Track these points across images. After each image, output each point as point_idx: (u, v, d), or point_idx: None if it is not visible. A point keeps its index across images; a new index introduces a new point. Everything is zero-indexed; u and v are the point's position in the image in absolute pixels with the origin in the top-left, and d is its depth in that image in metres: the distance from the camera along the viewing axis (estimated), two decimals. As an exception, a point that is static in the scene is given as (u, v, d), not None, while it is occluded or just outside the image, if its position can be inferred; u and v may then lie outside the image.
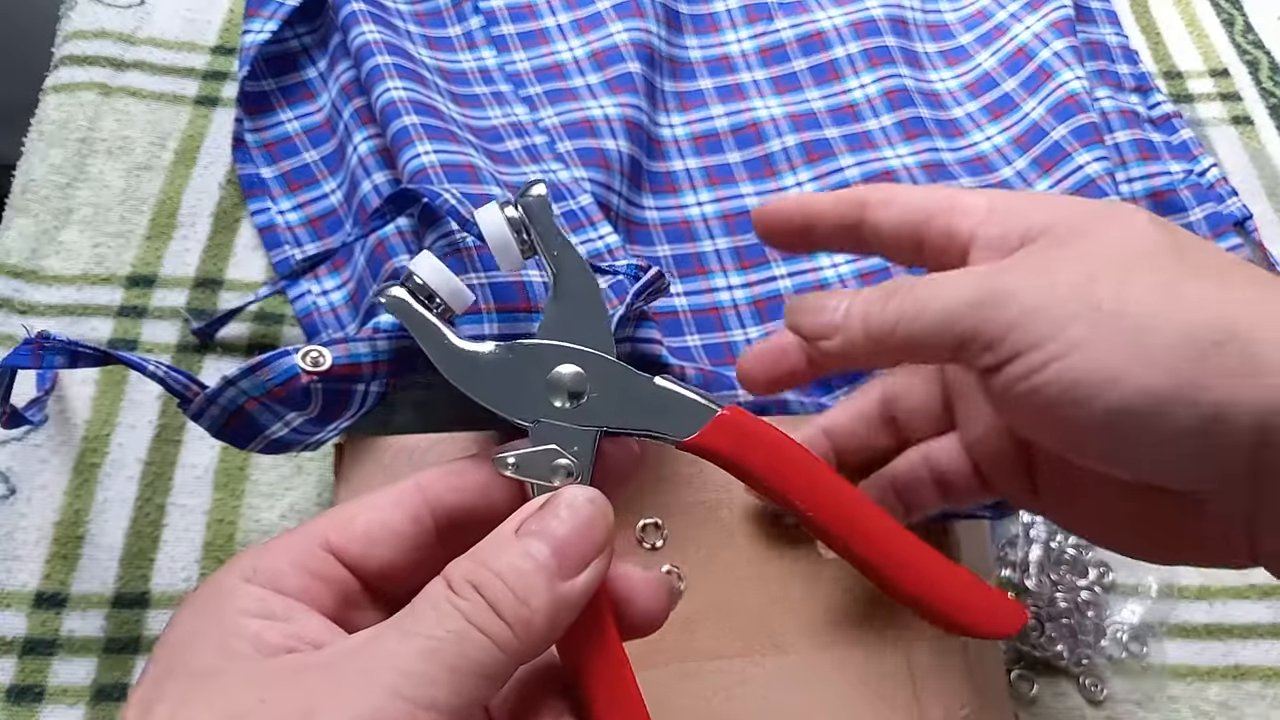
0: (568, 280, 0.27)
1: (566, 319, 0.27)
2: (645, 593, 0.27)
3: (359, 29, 0.48)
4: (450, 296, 0.26)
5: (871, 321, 0.29)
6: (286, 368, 0.35)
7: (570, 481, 0.25)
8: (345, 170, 0.49)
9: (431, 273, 0.26)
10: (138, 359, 0.33)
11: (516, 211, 0.27)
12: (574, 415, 0.26)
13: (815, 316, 0.31)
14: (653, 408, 0.26)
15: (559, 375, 0.26)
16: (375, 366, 0.38)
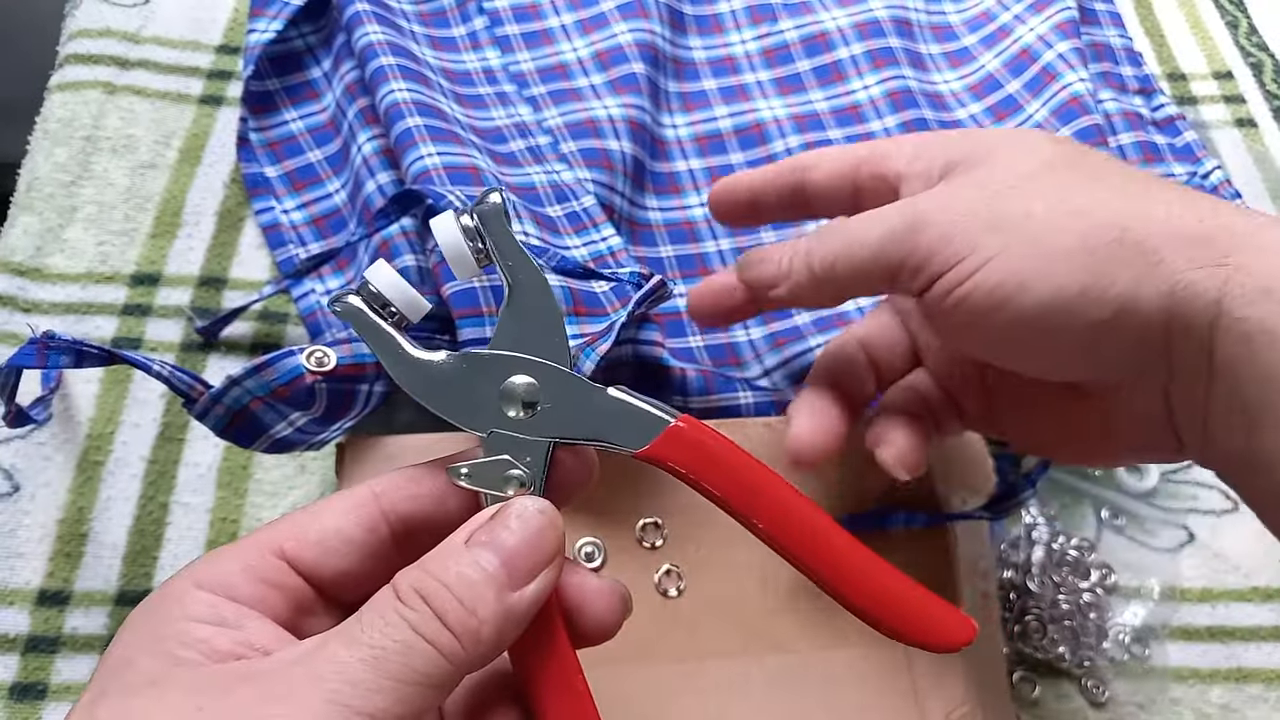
0: (522, 290, 0.27)
1: (520, 330, 0.27)
2: (598, 601, 0.26)
3: (363, 29, 0.48)
4: (405, 305, 0.26)
5: (814, 261, 0.32)
6: (291, 368, 0.35)
7: (523, 492, 0.25)
8: (349, 170, 0.49)
9: (386, 282, 0.26)
10: (142, 359, 0.33)
11: (472, 220, 0.27)
12: (527, 426, 0.26)
13: (762, 269, 0.34)
14: (605, 419, 0.26)
15: (512, 386, 0.26)
16: (379, 367, 0.38)
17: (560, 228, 0.45)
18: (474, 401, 0.26)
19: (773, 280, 0.34)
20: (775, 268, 0.34)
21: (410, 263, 0.44)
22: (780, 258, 0.34)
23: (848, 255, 0.31)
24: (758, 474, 0.26)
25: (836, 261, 0.32)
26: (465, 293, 0.39)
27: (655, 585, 0.37)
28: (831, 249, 0.32)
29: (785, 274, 0.33)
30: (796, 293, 0.33)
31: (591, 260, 0.45)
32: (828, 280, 0.32)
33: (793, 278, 0.33)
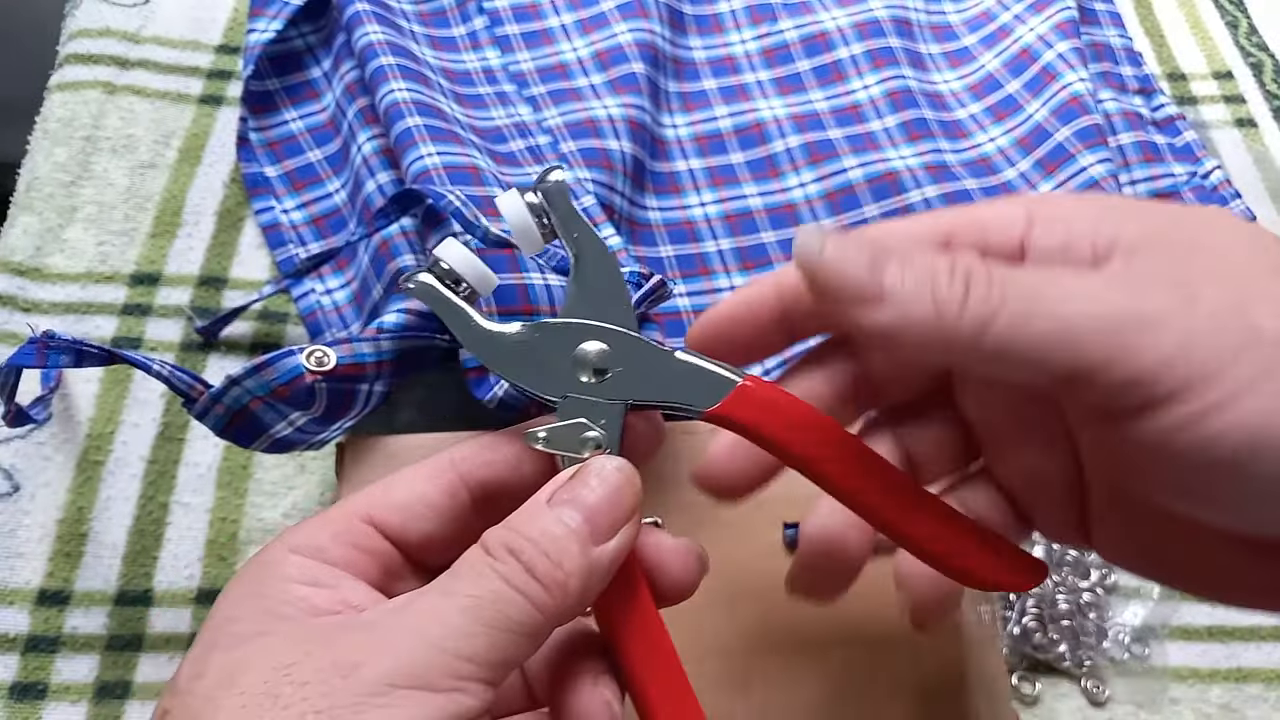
0: (588, 261, 0.28)
1: (589, 298, 0.28)
2: (676, 561, 0.27)
3: (363, 29, 0.48)
4: (476, 280, 0.27)
5: (950, 306, 0.22)
6: (291, 367, 0.35)
7: (599, 453, 0.26)
8: (349, 170, 0.49)
9: (457, 258, 0.27)
10: (142, 358, 0.33)
11: (536, 197, 0.28)
12: (600, 390, 0.27)
13: (859, 268, 0.23)
14: (675, 380, 0.27)
15: (584, 352, 0.27)
16: (379, 366, 0.38)
17: None
18: (548, 368, 0.27)
19: (870, 293, 0.23)
20: (883, 277, 0.23)
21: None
22: (885, 265, 0.23)
23: (1014, 322, 0.22)
24: (826, 430, 0.27)
25: (994, 323, 0.22)
26: None
27: (655, 585, 0.37)
28: (991, 301, 0.22)
29: (891, 294, 0.23)
30: (898, 330, 0.23)
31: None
32: (962, 338, 0.22)
33: (905, 307, 0.23)
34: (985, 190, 0.52)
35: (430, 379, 0.45)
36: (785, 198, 0.51)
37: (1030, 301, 0.22)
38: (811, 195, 0.51)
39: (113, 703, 0.38)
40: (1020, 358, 0.22)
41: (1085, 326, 0.22)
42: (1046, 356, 0.22)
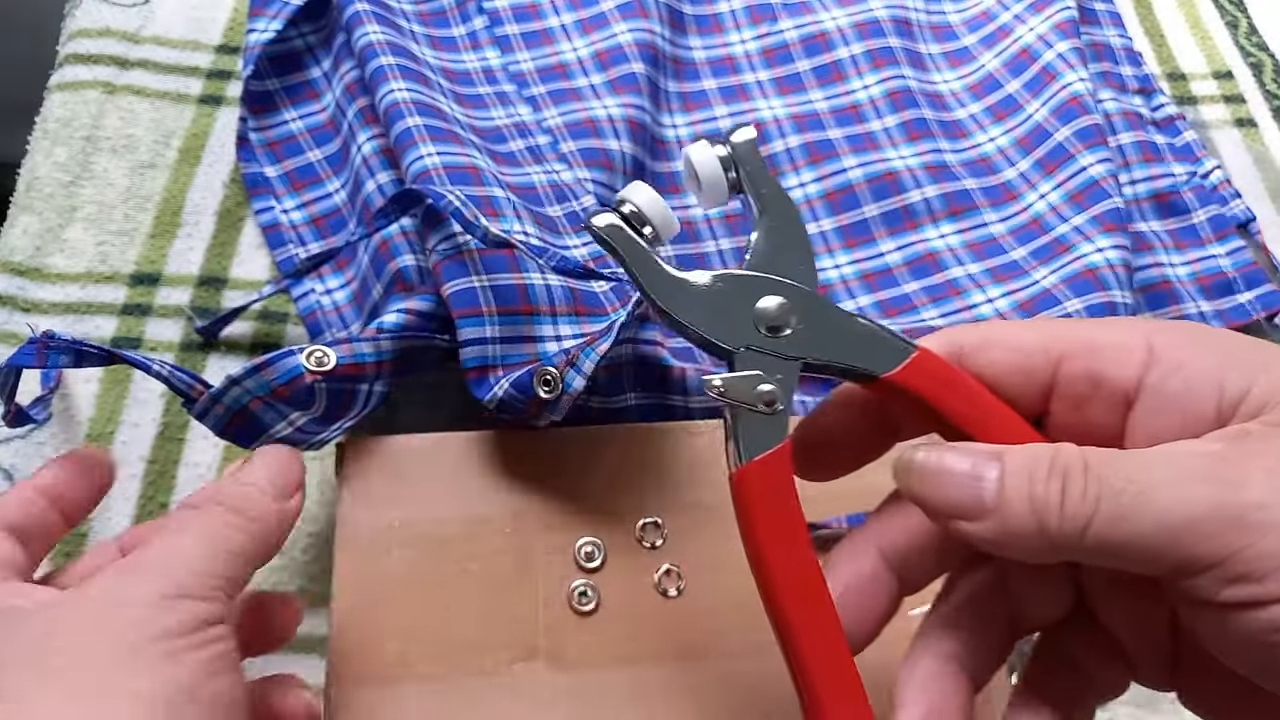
0: (773, 216, 0.28)
1: (772, 253, 0.28)
2: None
3: (363, 29, 0.48)
4: (661, 224, 0.27)
5: (1049, 512, 0.23)
6: (291, 367, 0.35)
7: (773, 408, 0.26)
8: (349, 170, 0.49)
9: (645, 199, 0.27)
10: (142, 358, 0.33)
11: (726, 150, 0.28)
12: (777, 345, 0.27)
13: (952, 487, 0.24)
14: (852, 342, 0.27)
15: (764, 306, 0.27)
16: (379, 366, 0.38)
17: (560, 228, 0.45)
18: (728, 318, 0.27)
19: (970, 510, 0.23)
20: (977, 490, 0.23)
21: (410, 262, 0.44)
22: (981, 475, 0.23)
23: (1114, 521, 0.22)
24: (995, 406, 0.26)
25: (1094, 523, 0.22)
26: (465, 293, 0.39)
27: (655, 585, 0.37)
28: (1087, 503, 0.22)
29: (990, 508, 0.23)
30: (1003, 540, 0.23)
31: (591, 260, 0.45)
32: (1065, 540, 0.23)
33: (1005, 519, 0.23)
34: (985, 190, 0.52)
35: (430, 379, 0.45)
36: (785, 198, 0.51)
37: (1129, 499, 0.22)
38: (811, 195, 0.51)
39: (113, 703, 0.38)
40: (1122, 555, 0.22)
41: (1189, 525, 0.22)
42: (1150, 553, 0.22)
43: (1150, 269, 0.51)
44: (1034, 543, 0.23)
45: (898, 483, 0.25)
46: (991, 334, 0.26)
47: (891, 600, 0.27)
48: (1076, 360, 0.25)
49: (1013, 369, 0.26)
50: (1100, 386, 0.25)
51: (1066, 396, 0.25)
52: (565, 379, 0.37)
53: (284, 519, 0.30)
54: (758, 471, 0.26)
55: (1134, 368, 0.24)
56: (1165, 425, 0.24)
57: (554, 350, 0.40)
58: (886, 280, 0.49)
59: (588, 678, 0.36)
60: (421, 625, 0.36)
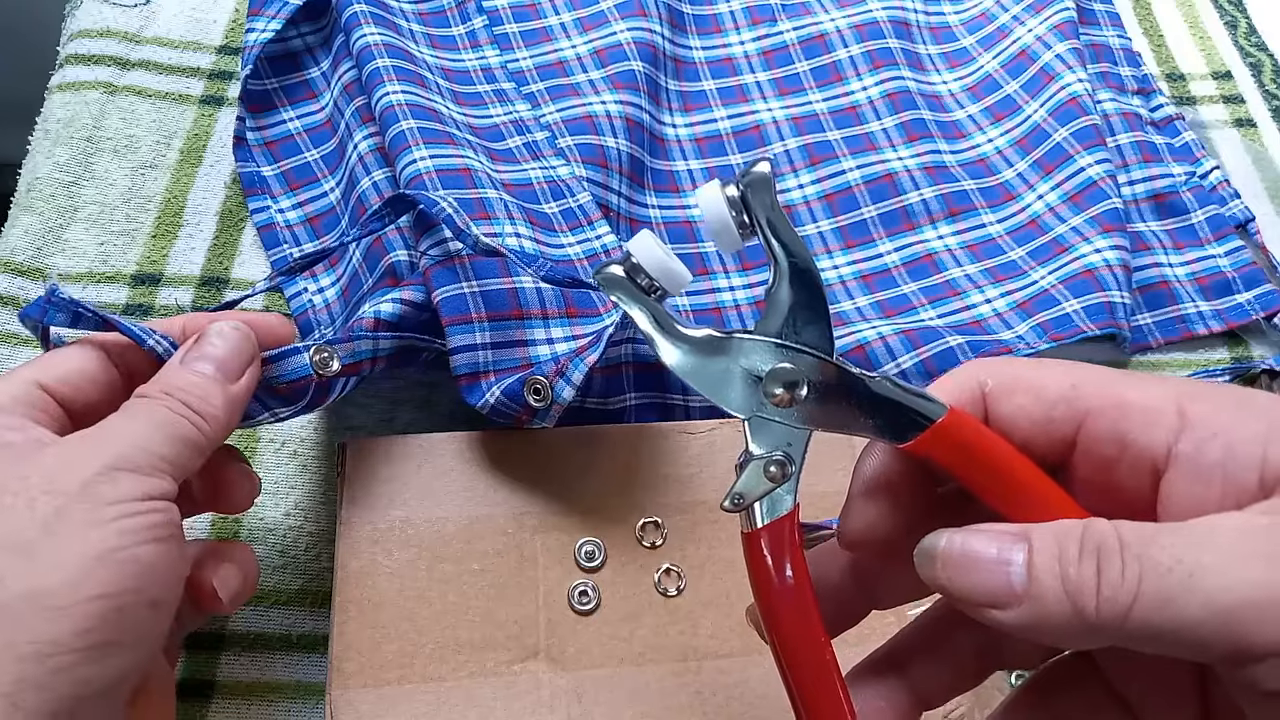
0: (789, 271, 0.26)
1: (786, 313, 0.26)
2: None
3: (360, 31, 0.48)
4: (667, 280, 0.26)
5: (1084, 595, 0.21)
6: (298, 366, 0.35)
7: (783, 483, 0.26)
8: (344, 167, 0.49)
9: (649, 255, 0.26)
10: (138, 330, 0.32)
11: (737, 190, 0.26)
12: (788, 414, 0.26)
13: (978, 574, 0.23)
14: (869, 411, 0.26)
15: (776, 372, 0.26)
16: (374, 363, 0.38)
17: (555, 225, 0.46)
18: (737, 384, 0.26)
19: (1000, 598, 0.22)
20: (1005, 577, 0.22)
21: (403, 257, 0.44)
22: (1010, 560, 0.22)
23: (1159, 607, 0.21)
24: (1024, 475, 0.25)
25: (1136, 609, 0.21)
26: (454, 299, 0.39)
27: (655, 585, 0.38)
28: (1126, 587, 0.21)
29: (1021, 594, 0.22)
30: (1036, 625, 0.22)
31: (586, 258, 0.45)
32: (1105, 626, 0.21)
33: (1037, 604, 0.22)
34: (983, 191, 0.52)
35: (430, 379, 0.45)
36: (783, 199, 0.52)
37: (1176, 580, 0.20)
38: (810, 196, 0.52)
39: (114, 702, 0.39)
40: (1168, 641, 0.21)
41: (1243, 608, 0.20)
42: (1200, 640, 0.20)
43: (1149, 269, 0.51)
44: (1070, 629, 0.21)
45: (921, 573, 0.24)
46: (1018, 377, 0.25)
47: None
48: (1103, 419, 0.24)
49: (1035, 419, 0.25)
50: (1127, 449, 0.24)
51: (1091, 455, 0.24)
52: (555, 388, 0.37)
53: (232, 403, 0.31)
54: (767, 535, 0.26)
55: (1164, 432, 0.23)
56: (1204, 496, 0.22)
57: (546, 353, 0.40)
58: (885, 281, 0.50)
59: (588, 677, 0.36)
60: (422, 625, 0.36)
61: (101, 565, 0.26)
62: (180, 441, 0.29)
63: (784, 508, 0.26)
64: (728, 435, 0.40)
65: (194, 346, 0.32)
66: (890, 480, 0.26)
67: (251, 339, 0.33)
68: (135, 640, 0.27)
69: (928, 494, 0.26)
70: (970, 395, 0.25)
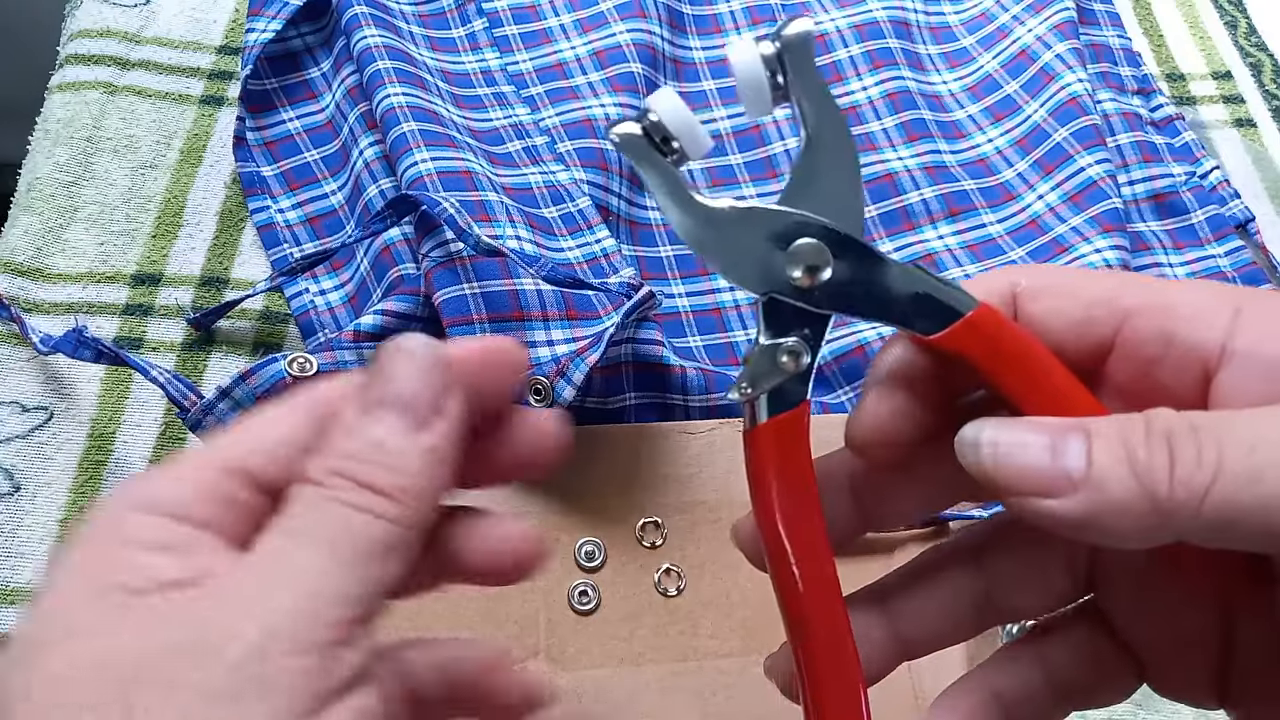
0: (821, 140, 0.24)
1: (815, 186, 0.24)
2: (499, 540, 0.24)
3: (361, 33, 0.49)
4: (688, 140, 0.24)
5: (1157, 477, 0.19)
6: (273, 374, 0.35)
7: (796, 372, 0.24)
8: (349, 174, 0.49)
9: (670, 110, 0.23)
10: (143, 364, 0.33)
11: (773, 47, 0.24)
12: (809, 295, 0.24)
13: (1029, 458, 0.20)
14: (894, 297, 0.24)
15: (799, 248, 0.24)
16: None
17: (555, 229, 0.46)
18: (755, 260, 0.24)
19: (1055, 485, 0.20)
20: (1063, 461, 0.20)
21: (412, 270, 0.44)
22: (1066, 447, 0.20)
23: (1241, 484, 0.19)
24: (1058, 377, 0.23)
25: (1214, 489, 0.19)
26: (455, 300, 0.40)
27: (655, 585, 0.38)
28: (1206, 466, 0.19)
29: (1081, 479, 0.20)
30: (1096, 518, 0.20)
31: (585, 262, 0.45)
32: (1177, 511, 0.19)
33: (1100, 491, 0.19)
34: (983, 191, 0.52)
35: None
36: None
37: (1262, 456, 0.19)
38: (810, 196, 0.52)
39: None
40: (1252, 526, 0.19)
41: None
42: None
43: (1149, 269, 0.51)
44: (1138, 518, 0.19)
45: (963, 462, 0.21)
46: (1054, 279, 0.23)
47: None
48: (1148, 317, 0.22)
49: (1071, 320, 0.23)
50: (1174, 346, 0.22)
51: (1131, 357, 0.22)
52: (555, 388, 0.37)
53: (435, 457, 0.21)
54: (772, 431, 0.24)
55: (1218, 330, 0.21)
56: (1268, 392, 0.21)
57: (546, 355, 0.40)
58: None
59: (587, 677, 0.36)
60: (422, 625, 0.36)
61: None
62: (362, 558, 0.20)
63: (794, 401, 0.24)
64: (728, 435, 0.40)
65: (371, 386, 0.22)
66: (912, 375, 0.24)
67: (441, 352, 0.22)
68: None
69: (950, 399, 0.24)
70: (1001, 294, 0.24)
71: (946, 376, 0.24)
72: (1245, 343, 0.21)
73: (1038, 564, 0.25)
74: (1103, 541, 0.20)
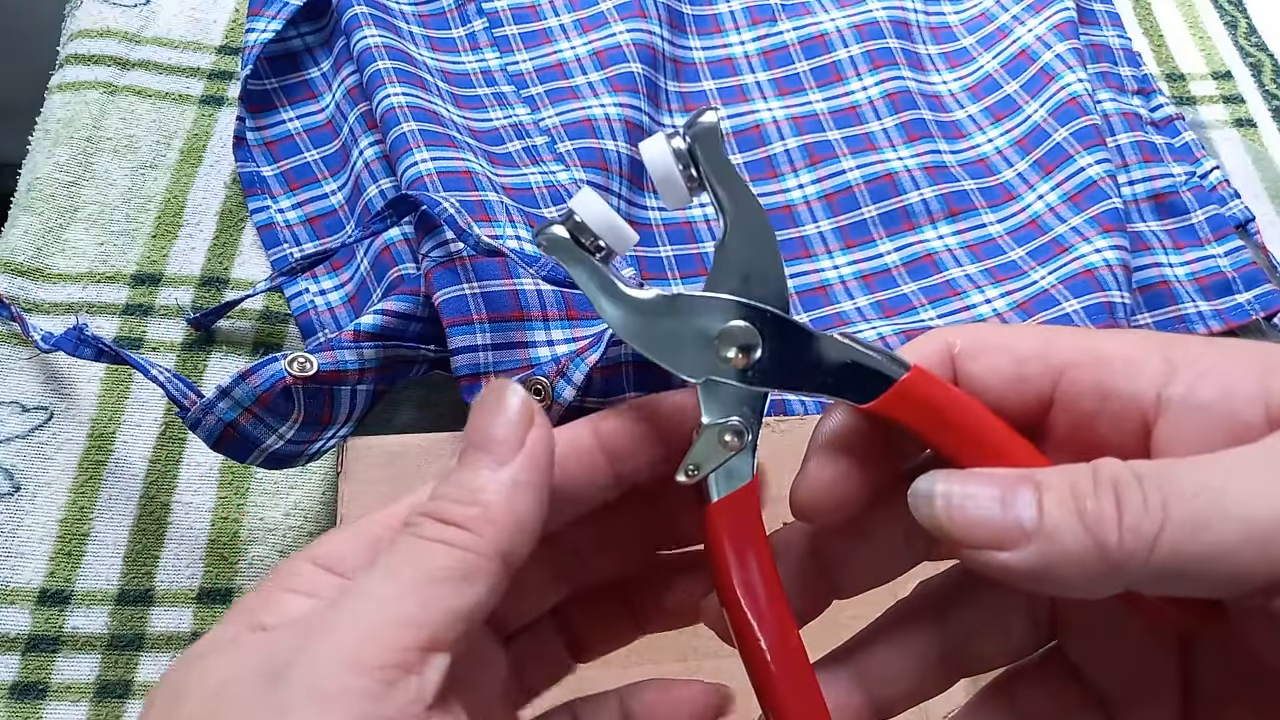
0: (739, 224, 0.25)
1: (737, 269, 0.25)
2: None
3: (361, 33, 0.48)
4: (612, 238, 0.24)
5: (1105, 527, 0.19)
6: (273, 373, 0.35)
7: (740, 451, 0.24)
8: (349, 174, 0.49)
9: (592, 212, 0.24)
10: (143, 364, 0.33)
11: (685, 143, 0.24)
12: (744, 375, 0.25)
13: (981, 511, 0.20)
14: (829, 369, 0.24)
15: (729, 330, 0.24)
16: (361, 374, 0.38)
17: None
18: (688, 346, 0.25)
19: (1008, 538, 0.20)
20: (1016, 512, 0.20)
21: (412, 270, 0.44)
22: (1017, 498, 0.20)
23: (1190, 534, 0.19)
24: (997, 435, 0.23)
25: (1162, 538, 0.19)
26: (455, 300, 0.40)
27: (655, 585, 0.37)
28: (1152, 515, 0.19)
29: (1033, 531, 0.20)
30: (1046, 569, 0.20)
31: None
32: (1128, 561, 0.19)
33: (1051, 542, 0.20)
34: (983, 191, 0.52)
35: (430, 379, 0.45)
36: (784, 199, 0.52)
37: (1205, 502, 0.19)
38: (810, 196, 0.52)
39: (113, 702, 0.39)
40: (1200, 573, 0.19)
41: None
42: (1234, 568, 0.19)
43: (1149, 269, 0.51)
44: (1088, 568, 0.19)
45: (916, 515, 0.22)
46: (986, 337, 0.24)
47: None
48: (1082, 370, 0.23)
49: (1008, 378, 0.23)
50: (1110, 401, 0.22)
51: (1070, 410, 0.23)
52: (556, 388, 0.37)
53: (515, 487, 0.22)
54: (725, 510, 0.24)
55: (1151, 380, 0.22)
56: (1206, 438, 0.21)
57: (546, 355, 0.40)
58: (885, 281, 0.50)
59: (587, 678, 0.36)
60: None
61: None
62: (437, 584, 0.20)
63: (742, 478, 0.24)
64: (728, 435, 0.40)
65: (465, 440, 0.23)
66: (851, 441, 0.24)
67: (520, 392, 0.23)
68: None
69: (892, 464, 0.25)
70: (938, 356, 0.24)
71: (889, 439, 0.24)
72: (1178, 391, 0.21)
73: (999, 614, 0.26)
74: (1055, 592, 0.21)
